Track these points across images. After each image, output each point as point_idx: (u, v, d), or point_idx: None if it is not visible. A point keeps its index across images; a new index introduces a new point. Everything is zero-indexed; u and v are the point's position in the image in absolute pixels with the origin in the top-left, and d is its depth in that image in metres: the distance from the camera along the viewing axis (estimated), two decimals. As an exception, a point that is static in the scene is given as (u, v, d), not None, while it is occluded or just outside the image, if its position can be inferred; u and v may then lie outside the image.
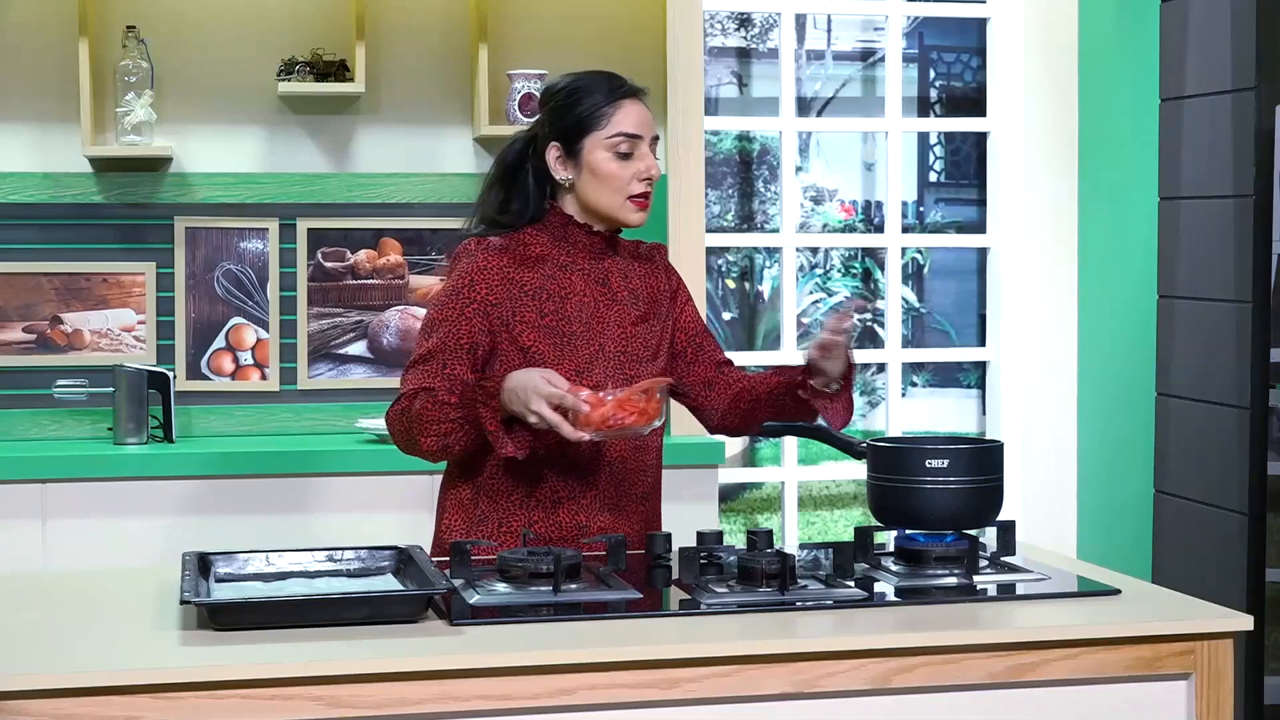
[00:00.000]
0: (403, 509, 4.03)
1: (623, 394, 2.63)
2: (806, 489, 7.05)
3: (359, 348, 4.52)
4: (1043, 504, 4.93)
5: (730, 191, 6.95)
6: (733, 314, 6.99)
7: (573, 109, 2.84)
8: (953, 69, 6.98)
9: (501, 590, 2.48)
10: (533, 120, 2.96)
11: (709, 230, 5.16)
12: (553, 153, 2.85)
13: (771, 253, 6.81)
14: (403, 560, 2.59)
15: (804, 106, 6.83)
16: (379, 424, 4.25)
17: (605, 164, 2.82)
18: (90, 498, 3.99)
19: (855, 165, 7.24)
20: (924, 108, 7.00)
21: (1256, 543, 3.87)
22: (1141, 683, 2.39)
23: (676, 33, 4.38)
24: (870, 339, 7.15)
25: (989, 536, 2.90)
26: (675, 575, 2.66)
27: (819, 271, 7.20)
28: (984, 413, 5.15)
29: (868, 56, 7.16)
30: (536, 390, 2.63)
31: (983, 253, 5.14)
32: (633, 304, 2.91)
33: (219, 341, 4.46)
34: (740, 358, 6.96)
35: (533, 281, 2.84)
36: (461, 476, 2.89)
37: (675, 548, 2.77)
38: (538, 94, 4.42)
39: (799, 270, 6.90)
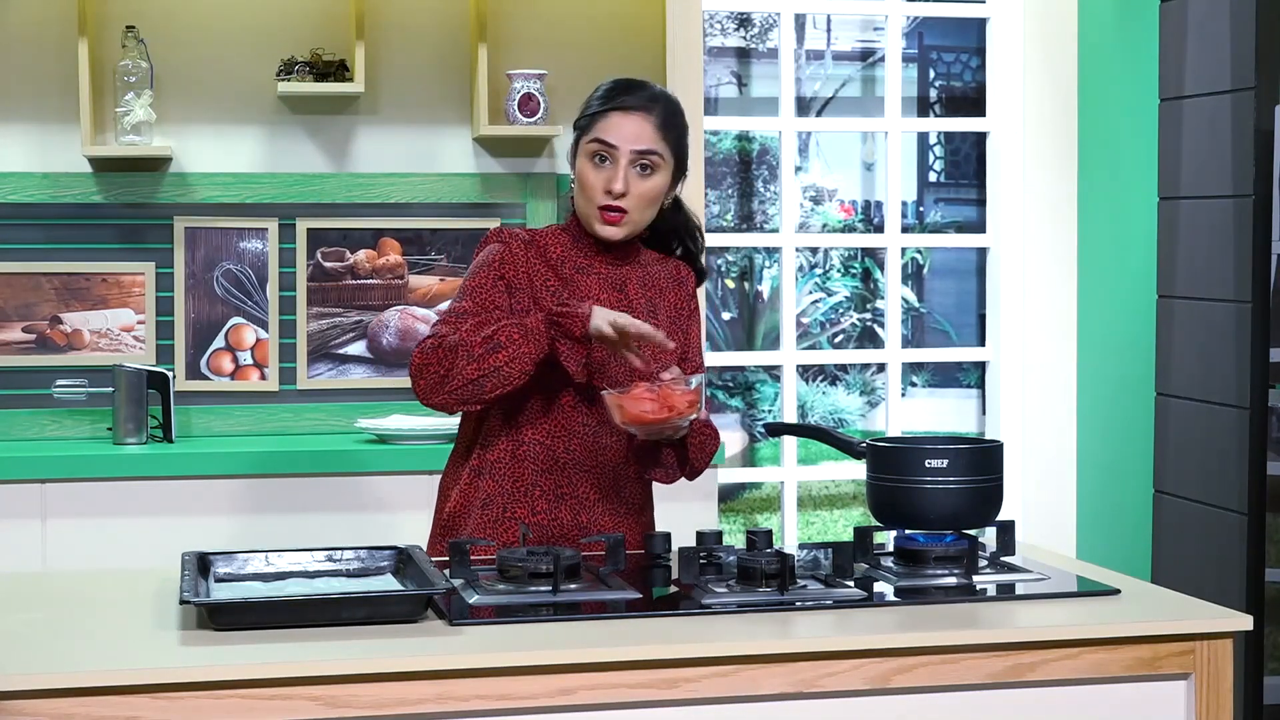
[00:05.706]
0: (402, 509, 4.03)
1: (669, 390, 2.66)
2: (806, 489, 7.05)
3: (358, 348, 4.52)
4: (1042, 504, 4.93)
5: (730, 191, 6.95)
6: (732, 314, 6.99)
7: (582, 111, 2.89)
8: (952, 69, 6.98)
9: (501, 590, 2.48)
10: (537, 120, 2.97)
11: (709, 230, 5.16)
12: (569, 152, 2.89)
13: (771, 253, 6.81)
14: (402, 560, 2.59)
15: (803, 106, 6.83)
16: (378, 424, 4.25)
17: (583, 169, 2.84)
18: (90, 498, 3.99)
19: (855, 165, 7.24)
20: (924, 108, 7.00)
21: (1256, 543, 3.87)
22: (1141, 683, 2.39)
23: (676, 33, 4.37)
24: (870, 339, 7.15)
25: (988, 536, 2.90)
26: (675, 575, 2.66)
27: (819, 271, 7.20)
28: (984, 413, 5.15)
29: (867, 56, 7.16)
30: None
31: (982, 253, 5.14)
32: (649, 313, 2.90)
33: (218, 341, 4.46)
34: (740, 358, 6.95)
35: (550, 280, 2.84)
36: (467, 458, 2.90)
37: (675, 548, 2.77)
38: (537, 94, 4.44)
39: (798, 270, 6.90)
